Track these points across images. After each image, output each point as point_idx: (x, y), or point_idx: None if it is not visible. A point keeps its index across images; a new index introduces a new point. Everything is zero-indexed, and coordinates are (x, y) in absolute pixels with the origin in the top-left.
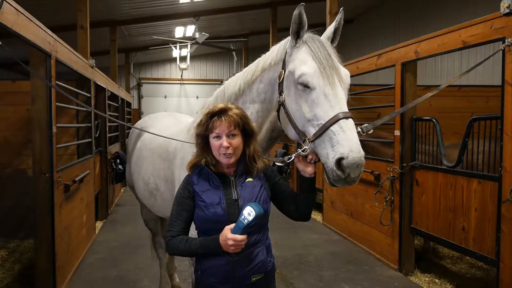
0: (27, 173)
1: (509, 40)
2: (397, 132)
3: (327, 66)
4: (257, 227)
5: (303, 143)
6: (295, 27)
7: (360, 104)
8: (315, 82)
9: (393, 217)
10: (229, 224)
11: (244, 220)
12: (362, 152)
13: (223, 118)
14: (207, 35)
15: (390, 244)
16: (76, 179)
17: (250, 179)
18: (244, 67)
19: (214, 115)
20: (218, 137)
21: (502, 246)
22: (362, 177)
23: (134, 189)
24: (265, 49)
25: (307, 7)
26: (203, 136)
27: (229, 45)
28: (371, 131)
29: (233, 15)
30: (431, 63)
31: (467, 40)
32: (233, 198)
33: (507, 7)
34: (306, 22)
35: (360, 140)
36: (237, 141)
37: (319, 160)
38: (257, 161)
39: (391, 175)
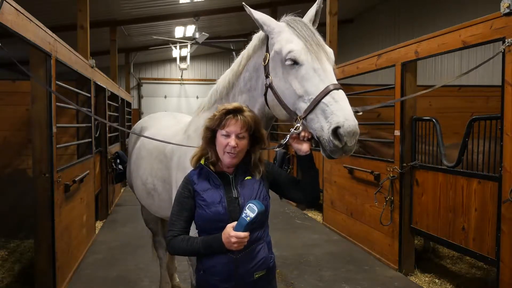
0: (27, 173)
1: (509, 40)
2: (397, 132)
3: (313, 43)
4: (258, 224)
5: (295, 122)
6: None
7: (360, 104)
8: (303, 58)
9: (393, 217)
10: (230, 222)
11: (246, 218)
12: (356, 121)
13: (239, 117)
14: (207, 35)
15: (390, 244)
16: (76, 179)
17: (248, 177)
18: None
19: (230, 112)
20: (227, 135)
21: (502, 246)
22: (362, 177)
23: (133, 188)
24: None
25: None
26: (212, 130)
27: (229, 45)
28: (361, 113)
29: (233, 15)
30: (431, 63)
31: (467, 40)
32: (234, 196)
33: (507, 7)
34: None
35: (360, 140)
36: (244, 143)
37: (312, 138)
38: (259, 166)
39: (391, 175)
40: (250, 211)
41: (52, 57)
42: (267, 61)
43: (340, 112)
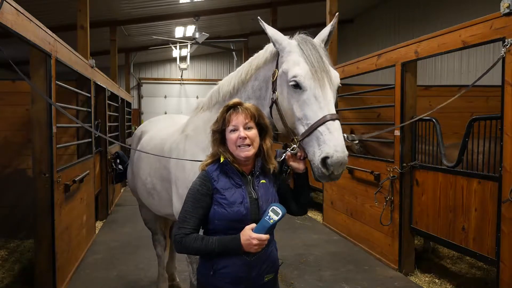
0: (27, 173)
1: (509, 40)
2: (397, 132)
3: (319, 69)
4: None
5: (291, 142)
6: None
7: (360, 104)
8: (306, 84)
9: (393, 217)
10: (250, 223)
11: (269, 220)
12: (346, 152)
13: (239, 109)
14: (207, 35)
15: (390, 244)
16: (76, 179)
17: (263, 181)
18: None
19: (230, 108)
20: (235, 130)
21: (502, 246)
22: (362, 177)
23: (134, 190)
24: None
25: (307, 7)
26: (220, 131)
27: (229, 45)
28: (356, 141)
29: (233, 15)
30: (431, 63)
31: (467, 40)
32: (254, 197)
33: (507, 7)
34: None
35: (361, 140)
36: (254, 133)
37: (307, 157)
38: (272, 157)
39: (391, 175)
40: (274, 214)
41: (52, 57)
42: (275, 77)
43: (331, 142)
